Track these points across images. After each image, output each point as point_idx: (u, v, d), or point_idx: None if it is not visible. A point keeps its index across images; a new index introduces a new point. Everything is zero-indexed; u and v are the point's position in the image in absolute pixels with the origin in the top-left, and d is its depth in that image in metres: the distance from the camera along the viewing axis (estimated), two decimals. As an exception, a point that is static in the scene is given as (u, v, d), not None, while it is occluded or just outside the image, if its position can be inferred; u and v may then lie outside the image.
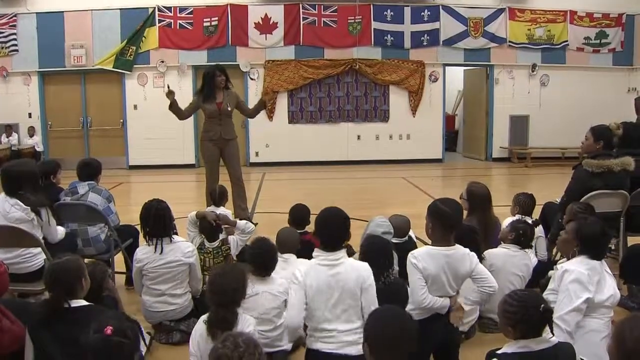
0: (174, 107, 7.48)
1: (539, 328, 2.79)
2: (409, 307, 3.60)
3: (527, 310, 2.76)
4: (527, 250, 4.63)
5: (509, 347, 2.83)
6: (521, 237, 4.54)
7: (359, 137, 15.22)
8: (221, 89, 7.51)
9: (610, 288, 3.53)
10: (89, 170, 5.48)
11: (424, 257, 3.56)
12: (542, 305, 2.77)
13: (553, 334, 2.85)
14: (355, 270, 3.43)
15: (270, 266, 4.01)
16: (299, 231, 5.18)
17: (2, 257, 4.36)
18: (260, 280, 3.94)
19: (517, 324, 2.77)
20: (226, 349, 2.28)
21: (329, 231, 3.51)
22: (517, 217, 5.34)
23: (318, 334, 3.43)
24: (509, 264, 4.43)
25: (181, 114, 7.64)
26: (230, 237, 5.12)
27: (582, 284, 3.40)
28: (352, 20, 14.72)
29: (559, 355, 2.81)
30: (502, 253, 4.49)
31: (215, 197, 6.02)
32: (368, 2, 14.65)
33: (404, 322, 2.44)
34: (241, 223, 5.18)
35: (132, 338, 2.51)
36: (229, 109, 7.50)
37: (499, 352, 2.84)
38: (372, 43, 14.86)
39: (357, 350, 3.27)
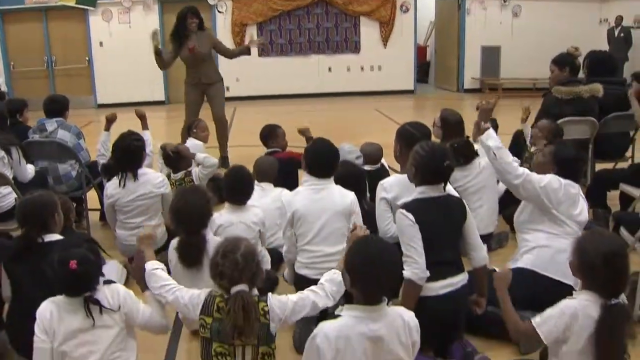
0: (159, 56, 7.23)
1: (438, 178, 3.18)
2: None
3: (432, 159, 3.14)
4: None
5: (409, 197, 3.24)
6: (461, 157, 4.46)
7: (330, 69, 15.10)
8: (194, 31, 7.22)
9: (582, 208, 3.65)
10: (57, 106, 5.39)
11: (393, 186, 3.63)
12: (447, 162, 3.14)
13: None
14: (342, 196, 3.57)
15: (246, 194, 4.03)
16: (269, 149, 5.49)
17: (-28, 197, 4.35)
18: (235, 209, 3.97)
19: (420, 167, 3.16)
20: (226, 268, 2.40)
21: (319, 163, 3.62)
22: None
23: (304, 258, 3.54)
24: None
25: (163, 64, 7.42)
26: (193, 170, 5.13)
27: (553, 185, 3.54)
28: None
29: (450, 201, 3.24)
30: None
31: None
32: None
33: (386, 252, 2.42)
34: (200, 156, 5.14)
35: (94, 260, 2.57)
36: (203, 51, 7.29)
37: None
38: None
39: None
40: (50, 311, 2.54)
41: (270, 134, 5.68)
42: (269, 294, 2.57)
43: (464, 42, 15.52)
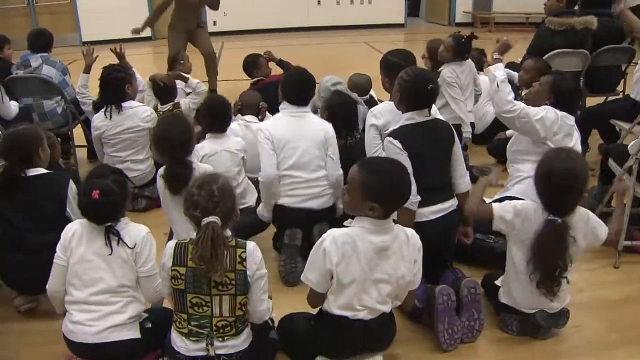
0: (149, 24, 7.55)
1: (424, 103, 3.20)
2: None
3: (416, 83, 3.16)
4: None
5: (396, 124, 3.25)
6: (459, 47, 4.86)
7: (319, 2, 14.78)
8: None
9: (576, 140, 3.66)
10: (42, 40, 5.29)
11: (384, 113, 3.61)
12: (431, 86, 3.17)
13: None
14: (320, 123, 3.71)
15: (226, 121, 4.03)
16: (254, 79, 5.68)
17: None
18: (216, 138, 3.96)
19: (405, 92, 3.18)
20: (201, 198, 2.34)
21: (297, 88, 3.72)
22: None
23: (285, 185, 3.58)
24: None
25: (157, 17, 7.63)
26: (182, 100, 5.08)
27: (549, 117, 3.53)
28: None
29: (438, 125, 3.28)
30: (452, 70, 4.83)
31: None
32: None
33: (403, 171, 2.50)
34: (193, 81, 5.13)
35: (118, 191, 2.59)
36: None
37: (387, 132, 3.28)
38: None
39: (318, 204, 3.59)
40: (74, 231, 2.62)
41: (252, 63, 5.83)
42: (249, 241, 2.48)
43: (456, -27, 15.20)
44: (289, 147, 3.56)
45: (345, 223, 2.49)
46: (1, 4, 14.07)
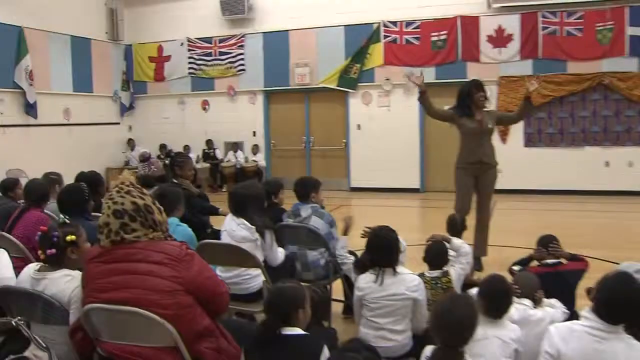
0: (424, 97, 7.12)
1: None
2: None
3: None
4: None
5: None
6: None
7: (607, 164, 14.08)
8: (480, 107, 7.03)
9: None
10: (302, 190, 5.73)
11: None
12: None
13: None
14: (633, 352, 3.06)
15: (503, 308, 3.81)
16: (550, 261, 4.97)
17: (223, 276, 4.69)
18: (490, 322, 3.77)
19: None
20: None
21: (614, 303, 3.09)
22: None
23: None
24: None
25: (431, 108, 7.21)
26: (452, 269, 4.97)
27: None
28: (601, 27, 13.71)
29: None
30: None
31: (457, 225, 5.85)
32: (622, 4, 13.46)
33: None
34: (457, 242, 5.03)
35: None
36: (490, 126, 7.04)
37: None
38: (627, 53, 13.64)
39: None
40: None
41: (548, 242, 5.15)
42: None
43: None
44: None
45: None
46: (282, 145, 15.92)
